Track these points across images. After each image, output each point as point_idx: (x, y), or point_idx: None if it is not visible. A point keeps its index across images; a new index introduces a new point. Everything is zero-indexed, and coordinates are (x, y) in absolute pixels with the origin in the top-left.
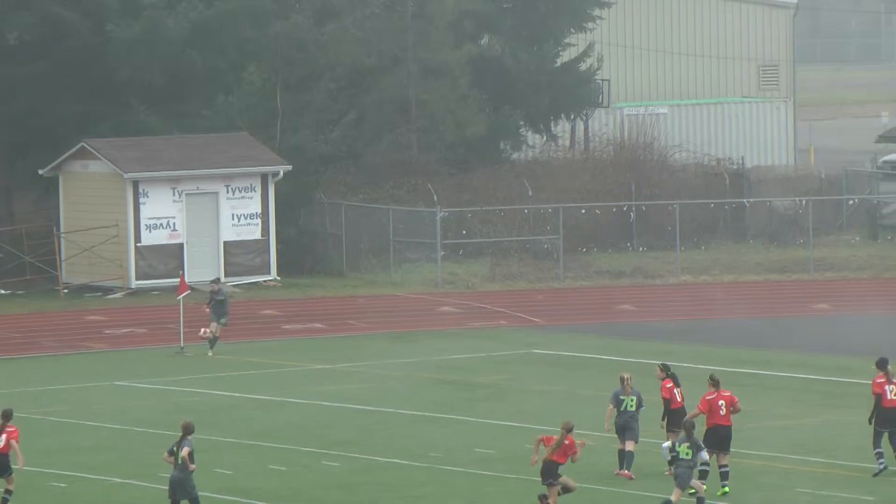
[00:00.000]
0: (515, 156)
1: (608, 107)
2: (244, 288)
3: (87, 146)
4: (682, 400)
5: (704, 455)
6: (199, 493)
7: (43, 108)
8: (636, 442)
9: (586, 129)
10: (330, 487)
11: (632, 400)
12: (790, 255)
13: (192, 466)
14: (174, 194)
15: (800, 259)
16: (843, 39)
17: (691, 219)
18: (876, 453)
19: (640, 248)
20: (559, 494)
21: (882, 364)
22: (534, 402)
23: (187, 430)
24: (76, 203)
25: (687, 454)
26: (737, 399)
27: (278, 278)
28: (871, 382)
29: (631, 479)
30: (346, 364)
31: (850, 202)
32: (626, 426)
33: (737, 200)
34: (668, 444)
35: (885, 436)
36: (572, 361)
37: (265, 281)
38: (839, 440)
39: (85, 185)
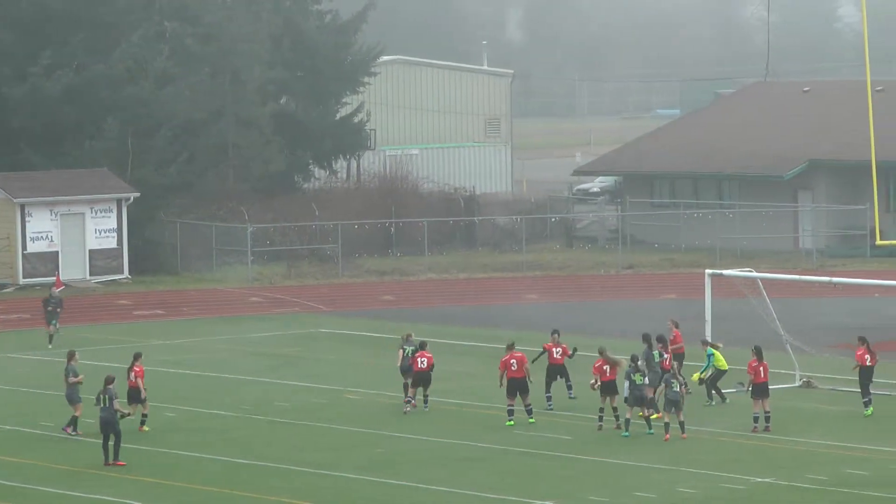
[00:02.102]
0: (306, 186)
1: (374, 149)
2: (104, 283)
3: None
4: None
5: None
6: (71, 437)
7: None
8: None
9: (358, 165)
10: (169, 431)
11: (413, 349)
12: (509, 259)
13: (125, 411)
14: (52, 214)
15: (516, 262)
16: (548, 99)
17: (436, 232)
18: (546, 396)
19: (398, 254)
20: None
21: (554, 333)
22: (321, 368)
23: (108, 381)
24: None
25: (640, 381)
26: (526, 359)
27: (130, 276)
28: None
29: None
30: (180, 340)
31: (553, 219)
32: (410, 369)
33: (469, 218)
34: (626, 382)
35: (553, 383)
36: (349, 337)
37: (120, 278)
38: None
39: None
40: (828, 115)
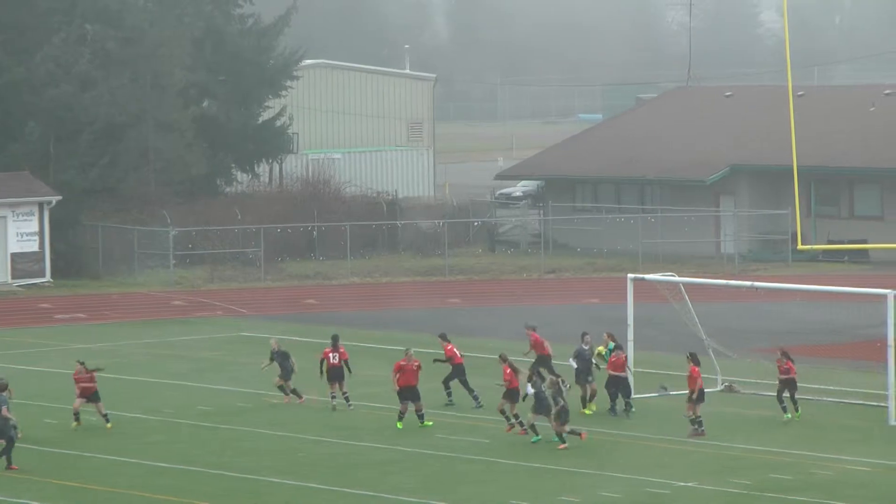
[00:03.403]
0: (228, 189)
1: (297, 153)
2: (26, 287)
3: None
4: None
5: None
6: None
7: None
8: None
9: (281, 169)
10: (89, 437)
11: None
12: (432, 263)
13: (11, 416)
14: None
15: (439, 266)
16: (470, 103)
17: (358, 236)
18: (472, 396)
19: (321, 258)
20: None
21: (443, 336)
22: (243, 372)
23: (0, 387)
24: None
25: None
26: (398, 366)
27: (52, 280)
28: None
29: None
30: (102, 344)
31: (475, 223)
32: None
33: (392, 222)
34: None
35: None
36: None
37: (42, 282)
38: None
39: None
40: (750, 119)
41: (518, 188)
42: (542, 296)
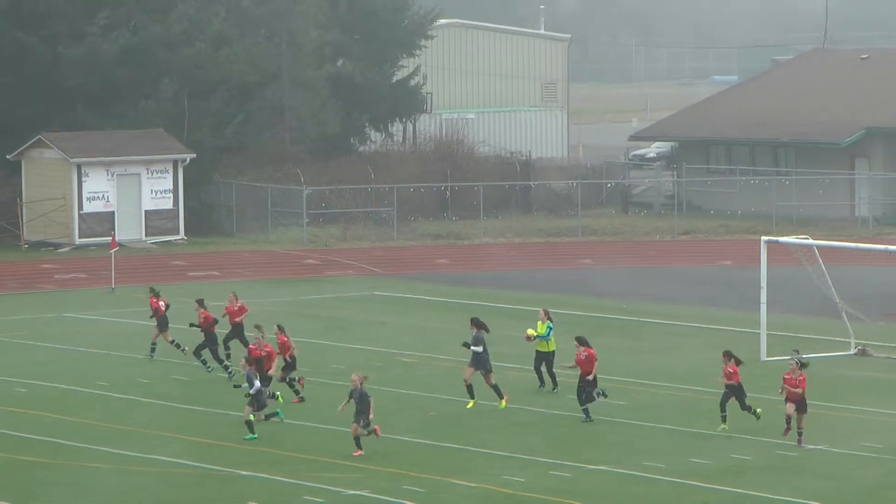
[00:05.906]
0: (362, 148)
1: (431, 112)
2: (160, 245)
3: (42, 138)
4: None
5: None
6: (126, 397)
7: (9, 110)
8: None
9: (414, 129)
10: (221, 393)
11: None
12: (564, 224)
13: None
14: (108, 174)
15: (571, 226)
16: (605, 64)
17: (491, 196)
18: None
19: (454, 218)
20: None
21: (200, 302)
22: (374, 331)
23: None
24: (34, 180)
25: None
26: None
27: (185, 238)
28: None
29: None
30: None
31: (609, 185)
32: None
33: (525, 183)
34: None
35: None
36: (403, 301)
37: (175, 239)
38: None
39: (41, 167)
40: (886, 82)
41: (652, 149)
42: (675, 257)
